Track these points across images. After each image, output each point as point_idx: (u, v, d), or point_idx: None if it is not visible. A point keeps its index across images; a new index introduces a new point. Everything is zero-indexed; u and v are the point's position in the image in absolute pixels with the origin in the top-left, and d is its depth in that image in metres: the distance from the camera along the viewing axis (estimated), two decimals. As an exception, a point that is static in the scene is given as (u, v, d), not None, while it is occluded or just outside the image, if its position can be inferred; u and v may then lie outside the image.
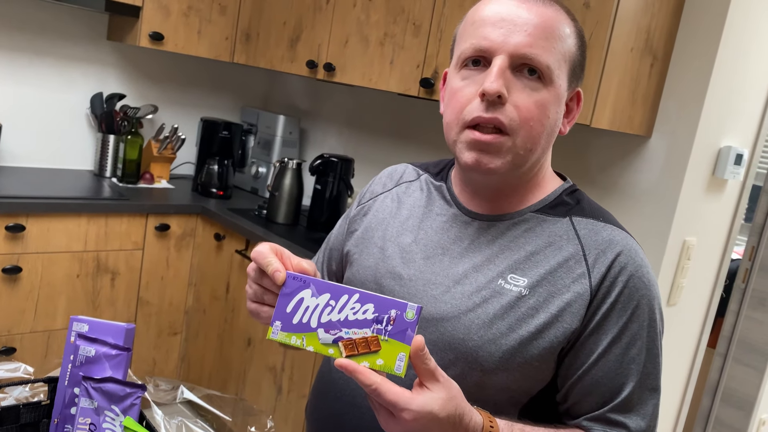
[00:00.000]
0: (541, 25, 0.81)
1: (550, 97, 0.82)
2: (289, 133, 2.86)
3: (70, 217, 2.23)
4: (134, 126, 2.64)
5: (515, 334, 0.82)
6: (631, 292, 0.82)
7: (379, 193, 1.04)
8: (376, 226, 0.99)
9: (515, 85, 0.81)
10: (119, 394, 0.87)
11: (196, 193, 2.70)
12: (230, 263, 2.39)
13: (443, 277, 0.89)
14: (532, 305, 0.83)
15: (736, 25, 1.72)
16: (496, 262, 0.86)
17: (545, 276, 0.84)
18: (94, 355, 0.91)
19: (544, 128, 0.83)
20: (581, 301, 0.82)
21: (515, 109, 0.81)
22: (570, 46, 0.84)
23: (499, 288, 0.84)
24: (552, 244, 0.86)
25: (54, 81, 2.61)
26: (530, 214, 0.89)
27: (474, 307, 0.84)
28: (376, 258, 0.96)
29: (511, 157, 0.83)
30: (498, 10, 0.83)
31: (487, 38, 0.82)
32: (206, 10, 2.58)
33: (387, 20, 2.06)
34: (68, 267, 2.26)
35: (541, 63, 0.81)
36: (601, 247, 0.84)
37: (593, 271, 0.83)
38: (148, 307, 2.49)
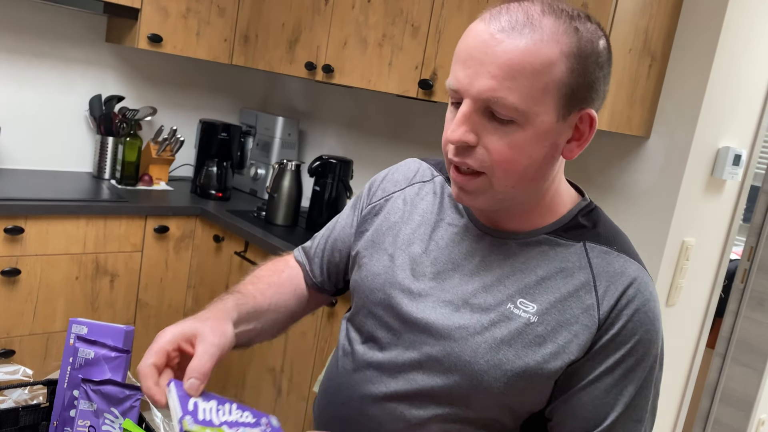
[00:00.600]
0: (508, 63, 0.74)
1: (527, 136, 0.77)
2: (288, 134, 2.86)
3: (69, 219, 2.23)
4: (133, 128, 2.63)
5: (521, 362, 0.81)
6: (635, 326, 0.81)
7: (392, 192, 1.01)
8: (387, 230, 0.97)
9: (485, 128, 0.77)
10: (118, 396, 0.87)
11: (195, 195, 2.70)
12: (229, 265, 2.39)
13: (453, 294, 0.87)
14: (539, 333, 0.81)
15: (734, 25, 1.72)
16: (506, 284, 0.85)
17: (555, 304, 0.82)
18: (94, 357, 0.91)
19: (525, 167, 0.79)
20: (588, 333, 0.81)
21: (486, 152, 0.78)
22: (557, 75, 0.75)
23: (508, 312, 0.83)
24: (563, 271, 0.84)
25: (53, 83, 2.61)
26: (544, 236, 0.87)
27: (482, 330, 0.83)
28: (385, 266, 0.94)
29: (491, 195, 0.81)
30: (471, 44, 0.77)
31: (456, 78, 0.78)
32: (205, 12, 2.58)
33: (385, 22, 2.06)
34: (67, 269, 2.26)
35: (507, 107, 0.75)
36: (612, 279, 0.82)
37: (602, 303, 0.81)
38: (147, 309, 2.49)
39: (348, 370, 0.95)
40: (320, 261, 1.08)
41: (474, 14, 1.80)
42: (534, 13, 0.75)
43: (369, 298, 0.94)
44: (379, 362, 0.91)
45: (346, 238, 1.05)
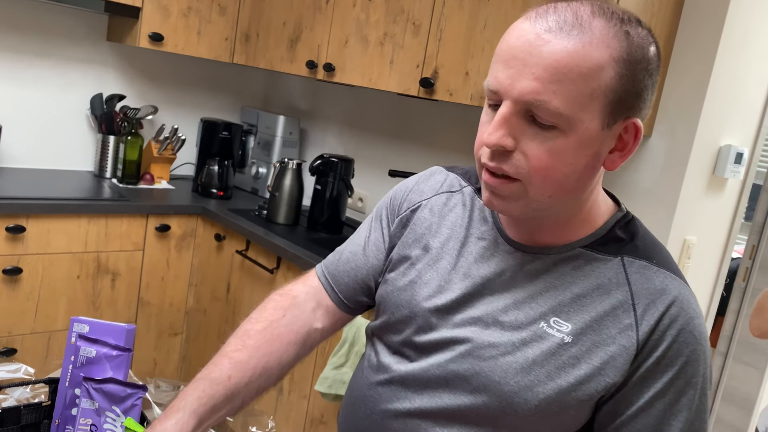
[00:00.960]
0: (554, 65, 0.69)
1: (569, 143, 0.72)
2: (289, 133, 2.86)
3: (71, 218, 2.23)
4: (134, 127, 2.64)
5: (554, 383, 0.77)
6: (680, 347, 0.76)
7: (418, 202, 0.96)
8: (414, 243, 0.93)
9: (525, 132, 0.73)
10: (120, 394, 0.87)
11: (197, 194, 2.70)
12: (231, 264, 2.39)
13: (482, 311, 0.83)
14: (574, 354, 0.77)
15: (736, 24, 1.72)
16: (539, 301, 0.81)
17: (590, 324, 0.78)
18: (95, 355, 0.91)
19: (564, 175, 0.74)
20: (626, 356, 0.76)
21: (524, 157, 0.73)
22: (604, 80, 0.71)
23: (540, 331, 0.79)
24: (600, 288, 0.79)
25: (54, 82, 2.61)
26: (579, 250, 0.82)
27: (513, 349, 0.79)
28: (412, 281, 0.90)
29: (525, 203, 0.76)
30: (514, 44, 0.73)
31: (496, 78, 0.74)
32: (206, 11, 2.58)
33: (387, 20, 2.06)
34: (69, 268, 2.26)
35: (550, 111, 0.70)
36: (652, 297, 0.77)
37: (642, 323, 0.77)
38: (149, 308, 2.49)
39: (372, 382, 0.93)
40: (353, 284, 1.01)
41: (475, 12, 1.80)
42: (583, 14, 0.72)
43: (395, 315, 0.91)
44: (404, 377, 0.88)
45: (379, 264, 0.99)
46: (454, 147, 2.35)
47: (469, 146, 2.29)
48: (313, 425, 2.02)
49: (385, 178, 2.57)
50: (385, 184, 2.57)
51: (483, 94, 1.77)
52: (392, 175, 2.17)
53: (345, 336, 1.81)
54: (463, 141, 2.32)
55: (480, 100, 1.79)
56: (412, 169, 2.45)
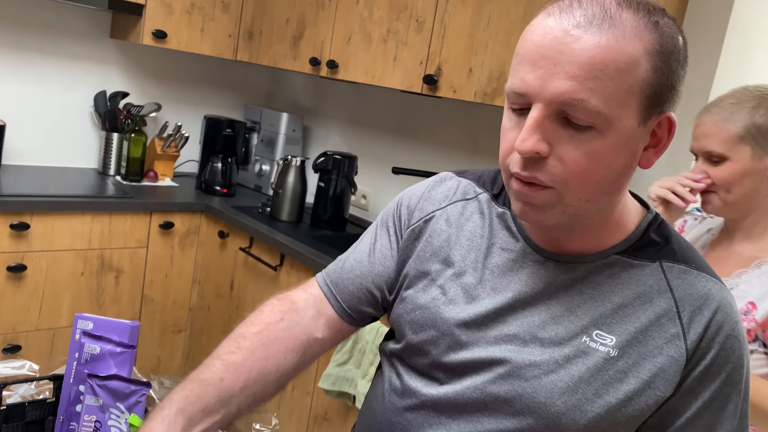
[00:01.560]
0: (589, 61, 0.65)
1: (607, 143, 0.68)
2: (293, 130, 2.86)
3: (75, 216, 2.23)
4: (138, 124, 2.64)
5: (602, 401, 0.73)
6: (727, 354, 0.73)
7: (432, 212, 0.90)
8: (431, 257, 0.87)
9: (559, 135, 0.68)
10: (124, 391, 0.88)
11: (200, 191, 2.70)
12: (234, 261, 2.39)
13: (518, 328, 0.78)
14: (621, 368, 0.73)
15: (740, 23, 1.71)
16: (578, 314, 0.76)
17: (635, 335, 0.74)
18: (99, 352, 0.91)
19: (603, 178, 0.70)
20: (676, 367, 0.73)
21: (560, 163, 0.68)
22: (641, 74, 0.67)
23: (584, 346, 0.75)
24: (641, 296, 0.75)
25: (57, 79, 2.61)
26: (615, 256, 0.78)
27: (557, 367, 0.75)
28: (435, 298, 0.84)
29: (561, 209, 0.72)
30: (540, 42, 0.68)
31: (523, 80, 0.69)
32: (209, 8, 2.58)
33: (390, 17, 2.06)
34: (72, 265, 2.27)
35: (589, 111, 0.66)
36: (697, 303, 0.74)
37: (689, 331, 0.73)
38: (153, 305, 2.50)
39: (399, 407, 0.85)
40: (358, 293, 0.94)
41: (478, 9, 1.80)
42: (610, 6, 0.68)
43: (419, 336, 0.84)
44: (437, 401, 0.81)
45: (386, 273, 0.92)
46: (458, 144, 2.35)
47: (472, 143, 2.29)
48: (316, 422, 2.02)
49: (389, 176, 2.57)
50: (389, 181, 2.57)
51: (486, 90, 1.77)
52: (395, 173, 2.17)
53: (348, 333, 1.80)
54: (467, 138, 2.32)
55: (483, 96, 1.78)
56: (416, 166, 2.44)
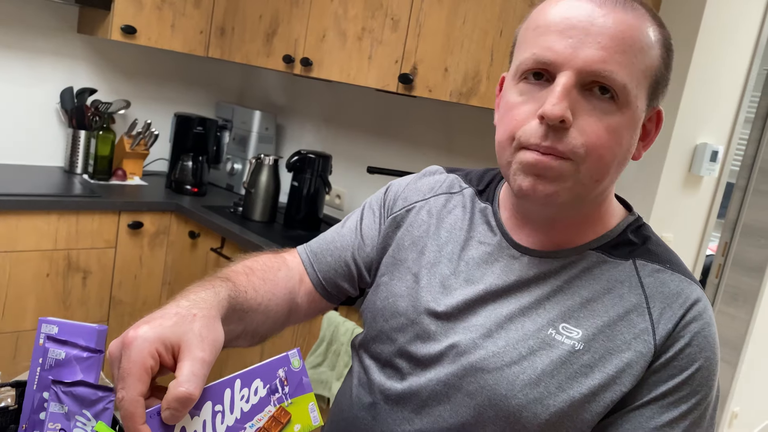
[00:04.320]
0: (619, 35, 0.67)
1: (624, 121, 0.69)
2: (266, 129, 2.82)
3: (40, 215, 2.17)
4: (106, 121, 2.58)
5: (565, 395, 0.71)
6: (694, 351, 0.71)
7: (414, 202, 0.91)
8: (410, 246, 0.87)
9: (583, 106, 0.68)
10: (91, 398, 0.84)
11: (170, 190, 2.65)
12: (205, 261, 2.35)
13: (485, 319, 0.77)
14: (586, 362, 0.72)
15: (713, 22, 1.73)
16: (546, 307, 0.75)
17: (602, 329, 0.73)
18: (65, 357, 0.88)
19: (615, 157, 0.70)
20: (643, 362, 0.71)
21: (581, 135, 0.68)
22: (653, 59, 0.70)
23: (549, 339, 0.73)
24: (611, 291, 0.74)
25: (22, 75, 2.54)
26: (589, 251, 0.77)
27: (520, 359, 0.73)
28: (409, 287, 0.84)
29: (572, 185, 0.70)
30: (567, 15, 0.69)
31: (551, 49, 0.69)
32: (180, 4, 2.53)
33: (365, 15, 2.04)
34: (37, 266, 2.20)
35: (617, 82, 0.68)
36: (668, 301, 0.73)
37: (658, 327, 0.72)
38: (122, 307, 2.44)
39: (365, 403, 0.85)
40: (335, 265, 0.93)
41: (454, 8, 1.79)
42: None
43: (389, 323, 0.84)
44: (400, 396, 0.81)
45: (366, 249, 0.93)
46: (433, 143, 2.34)
47: (448, 142, 2.28)
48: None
49: (364, 175, 2.55)
50: (363, 180, 2.56)
51: (462, 90, 1.76)
52: (370, 172, 2.16)
53: (322, 335, 1.78)
54: (443, 137, 2.31)
55: (459, 96, 1.78)
56: (391, 165, 2.43)
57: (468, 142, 2.20)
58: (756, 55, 1.94)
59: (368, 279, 0.93)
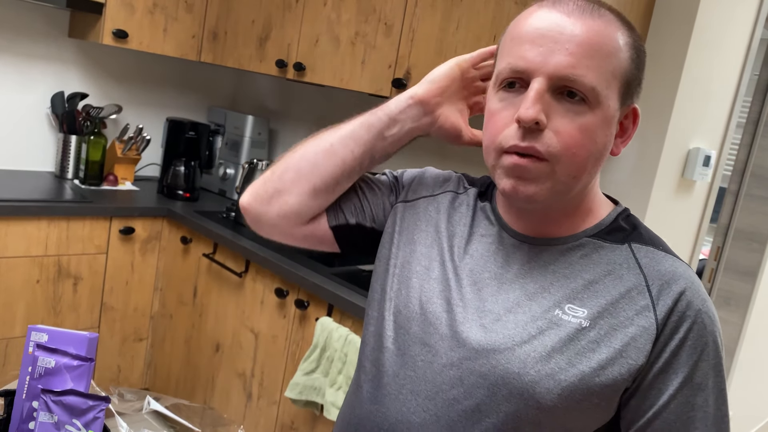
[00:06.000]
0: (587, 41, 0.73)
1: (596, 120, 0.75)
2: (258, 133, 2.81)
3: (30, 221, 2.15)
4: (97, 126, 2.56)
5: (575, 369, 0.75)
6: (701, 329, 0.76)
7: (424, 196, 0.96)
8: (418, 239, 0.92)
9: (556, 109, 0.75)
10: (81, 407, 0.83)
11: (162, 196, 2.64)
12: (197, 267, 2.33)
13: (493, 304, 0.81)
14: (593, 338, 0.76)
15: (705, 28, 1.74)
16: (551, 291, 0.80)
17: (606, 307, 0.77)
18: (54, 366, 0.87)
19: (590, 154, 0.76)
20: (647, 336, 0.76)
21: (555, 135, 0.74)
22: (622, 61, 0.76)
23: (556, 319, 0.78)
24: (611, 273, 0.79)
25: (12, 80, 2.52)
26: (586, 239, 0.82)
27: (529, 338, 0.77)
28: (420, 278, 0.88)
29: (551, 184, 0.76)
30: (538, 26, 0.75)
31: (523, 58, 0.75)
32: (172, 8, 2.52)
33: (358, 19, 2.03)
34: (27, 272, 2.18)
35: (586, 85, 0.73)
36: (665, 278, 0.78)
37: (658, 303, 0.77)
38: (113, 313, 2.42)
39: (376, 395, 0.87)
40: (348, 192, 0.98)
41: (447, 13, 1.79)
42: (594, 3, 0.77)
43: (402, 313, 0.87)
44: (414, 383, 0.83)
45: (380, 194, 0.99)
46: (427, 149, 2.33)
47: (440, 148, 2.28)
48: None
49: (356, 180, 2.54)
50: (356, 185, 2.55)
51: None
52: (364, 177, 2.15)
53: (316, 341, 1.77)
54: (435, 143, 2.30)
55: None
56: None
57: (462, 148, 2.19)
58: (748, 60, 1.95)
59: (368, 226, 0.97)
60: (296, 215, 0.94)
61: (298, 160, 0.95)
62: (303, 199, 0.93)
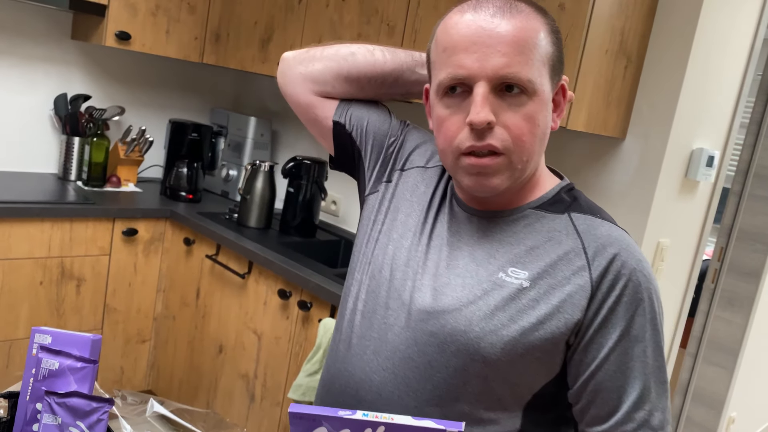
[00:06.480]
0: (514, 39, 0.80)
1: (536, 106, 0.82)
2: (261, 135, 2.81)
3: (33, 222, 2.15)
4: (100, 128, 2.56)
5: (516, 325, 0.83)
6: (636, 286, 0.82)
7: (417, 166, 1.03)
8: (401, 207, 1.00)
9: (501, 105, 0.81)
10: (85, 409, 0.83)
11: (165, 197, 2.64)
12: (200, 268, 2.33)
13: (444, 269, 0.90)
14: (533, 297, 0.83)
15: (708, 27, 1.73)
16: (496, 257, 0.87)
17: (546, 269, 0.84)
18: (58, 368, 0.87)
19: (536, 138, 0.84)
20: (582, 293, 0.82)
21: (505, 129, 0.81)
22: (546, 48, 0.83)
23: (499, 281, 0.85)
24: (551, 239, 0.87)
25: (16, 82, 2.52)
26: (529, 210, 0.90)
27: (475, 299, 0.85)
28: (395, 244, 0.96)
29: (510, 173, 0.84)
30: (467, 34, 0.82)
31: (462, 66, 0.81)
32: (175, 10, 2.52)
33: (360, 21, 2.03)
34: (31, 274, 2.18)
35: (522, 80, 0.80)
36: (601, 241, 0.85)
37: (593, 263, 0.83)
38: (116, 315, 2.42)
39: (346, 355, 0.95)
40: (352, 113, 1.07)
41: (450, 14, 1.79)
42: (509, 1, 0.84)
43: (375, 278, 0.96)
44: (376, 344, 0.91)
45: (380, 121, 1.07)
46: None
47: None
48: (286, 433, 1.98)
49: (359, 181, 2.54)
50: (359, 186, 2.55)
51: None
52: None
53: (319, 342, 1.77)
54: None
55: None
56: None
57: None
58: (751, 60, 1.94)
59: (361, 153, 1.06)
60: (313, 81, 1.05)
61: (344, 48, 1.05)
62: (326, 72, 1.04)
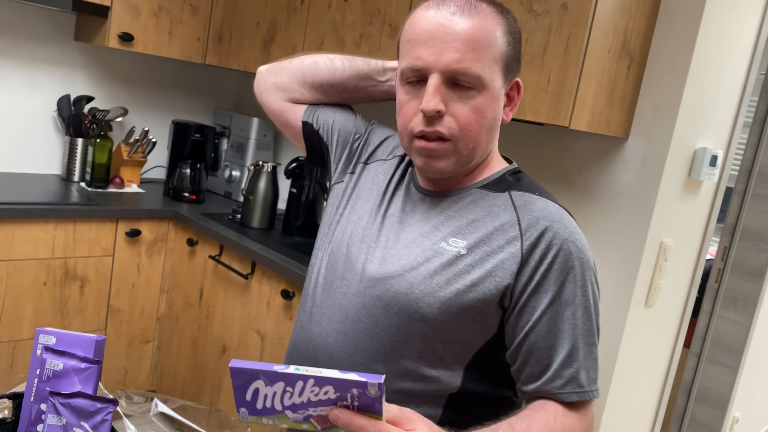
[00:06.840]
0: (468, 38, 0.88)
1: (485, 100, 0.91)
2: (264, 135, 2.82)
3: (37, 223, 2.16)
4: (103, 129, 2.57)
5: (452, 287, 0.92)
6: (567, 255, 0.91)
7: (379, 159, 1.13)
8: (362, 193, 1.09)
9: (451, 97, 0.90)
10: (89, 409, 0.83)
11: (168, 198, 2.64)
12: (203, 269, 2.34)
13: (393, 242, 0.99)
14: (468, 263, 0.92)
15: (711, 26, 1.73)
16: (441, 229, 0.97)
17: (482, 239, 0.94)
18: (62, 368, 0.87)
19: (482, 128, 0.93)
20: (513, 260, 0.91)
21: (454, 119, 0.90)
22: (500, 46, 0.91)
23: (440, 249, 0.95)
24: (491, 213, 0.96)
25: (19, 83, 2.53)
26: (475, 189, 1.00)
27: (417, 265, 0.95)
28: (354, 224, 1.05)
29: (456, 158, 0.94)
30: (428, 29, 0.90)
31: (419, 58, 0.90)
32: (177, 11, 2.53)
33: (363, 21, 2.03)
34: (35, 275, 2.19)
35: (471, 75, 0.89)
36: (534, 215, 0.93)
37: (525, 234, 0.92)
38: (119, 315, 2.43)
39: (307, 322, 1.05)
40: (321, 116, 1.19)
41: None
42: (472, 0, 0.92)
43: (334, 254, 1.05)
44: (332, 311, 1.01)
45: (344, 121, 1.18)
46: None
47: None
48: (289, 433, 1.98)
49: (362, 181, 2.54)
50: (362, 187, 2.55)
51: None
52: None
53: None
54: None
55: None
56: (389, 172, 2.42)
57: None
58: (754, 59, 1.94)
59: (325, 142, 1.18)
60: (282, 89, 1.19)
61: (308, 58, 1.19)
62: (293, 81, 1.18)
